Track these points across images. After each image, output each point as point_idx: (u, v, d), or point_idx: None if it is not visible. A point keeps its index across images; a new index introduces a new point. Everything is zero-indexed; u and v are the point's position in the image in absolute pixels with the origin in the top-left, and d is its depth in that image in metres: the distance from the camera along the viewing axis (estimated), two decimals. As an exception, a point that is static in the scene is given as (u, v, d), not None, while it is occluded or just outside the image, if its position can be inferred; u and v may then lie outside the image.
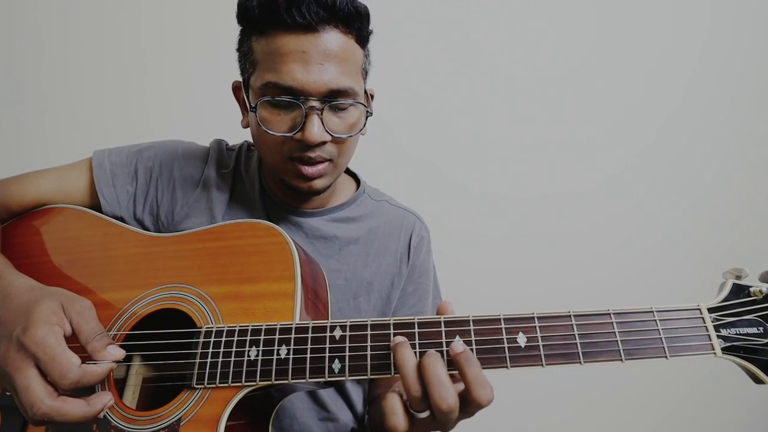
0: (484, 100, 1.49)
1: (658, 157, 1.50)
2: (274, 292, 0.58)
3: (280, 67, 0.62)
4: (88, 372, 0.48)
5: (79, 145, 0.81)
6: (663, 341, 0.47)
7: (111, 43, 1.44)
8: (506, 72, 1.49)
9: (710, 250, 1.48)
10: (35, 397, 0.46)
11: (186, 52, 1.45)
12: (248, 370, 0.53)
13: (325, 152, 0.66)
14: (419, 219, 0.85)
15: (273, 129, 0.64)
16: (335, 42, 0.63)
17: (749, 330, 0.48)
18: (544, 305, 0.52)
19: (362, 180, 0.86)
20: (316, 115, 0.62)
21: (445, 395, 0.45)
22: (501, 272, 1.45)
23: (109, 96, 1.44)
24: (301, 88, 0.61)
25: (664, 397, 1.44)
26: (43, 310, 0.50)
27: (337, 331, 0.53)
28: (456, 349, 0.47)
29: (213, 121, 1.25)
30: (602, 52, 1.50)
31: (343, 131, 0.66)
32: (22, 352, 0.48)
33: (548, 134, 1.49)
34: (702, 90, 1.50)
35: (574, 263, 1.47)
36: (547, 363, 0.48)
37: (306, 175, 0.67)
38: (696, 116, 1.51)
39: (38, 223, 0.72)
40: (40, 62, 1.44)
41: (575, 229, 1.48)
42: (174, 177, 0.76)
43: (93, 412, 0.49)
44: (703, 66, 1.50)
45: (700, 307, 0.49)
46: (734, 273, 0.52)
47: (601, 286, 1.45)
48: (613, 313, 0.49)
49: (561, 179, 1.49)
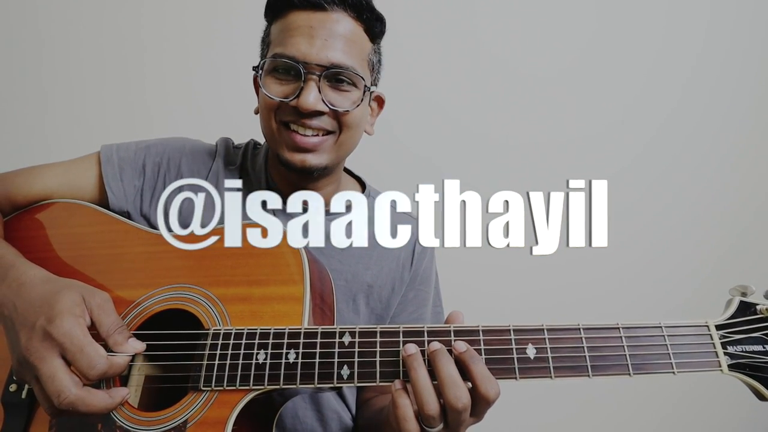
0: (484, 100, 1.48)
1: (658, 156, 1.51)
2: (283, 296, 0.58)
3: (287, 41, 0.66)
4: (114, 363, 0.50)
5: (80, 144, 0.80)
6: (671, 357, 0.48)
7: (111, 42, 1.43)
8: (506, 71, 1.48)
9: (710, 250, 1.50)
10: (62, 385, 0.47)
11: (186, 51, 1.44)
12: (256, 373, 0.53)
13: (323, 122, 0.68)
14: None
15: (273, 94, 0.67)
16: (343, 24, 0.67)
17: (755, 348, 0.49)
18: (544, 305, 0.52)
19: (367, 184, 0.86)
20: (314, 82, 0.65)
21: (460, 395, 0.46)
22: (501, 272, 1.46)
23: (109, 95, 1.43)
24: (303, 58, 0.65)
25: (663, 396, 1.46)
26: (66, 301, 0.51)
27: (346, 337, 0.53)
28: (460, 349, 0.49)
29: (213, 120, 1.25)
30: (602, 51, 1.50)
31: (341, 105, 0.68)
32: (48, 342, 0.48)
33: (549, 134, 1.49)
34: (701, 90, 1.51)
35: (576, 263, 1.47)
36: (556, 375, 0.48)
37: (298, 145, 0.67)
38: (695, 116, 1.51)
39: (42, 218, 0.71)
40: (40, 61, 1.42)
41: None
42: (182, 172, 0.76)
43: (114, 403, 0.50)
44: (702, 66, 1.51)
45: (708, 323, 0.49)
46: (740, 290, 0.53)
47: (600, 286, 1.46)
48: (622, 327, 0.50)
49: (561, 179, 1.49)
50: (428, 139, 1.48)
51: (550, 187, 1.60)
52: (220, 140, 0.83)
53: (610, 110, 1.50)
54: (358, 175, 0.87)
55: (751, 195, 1.52)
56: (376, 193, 0.86)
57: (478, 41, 1.48)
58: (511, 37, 1.49)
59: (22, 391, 0.58)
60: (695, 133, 1.52)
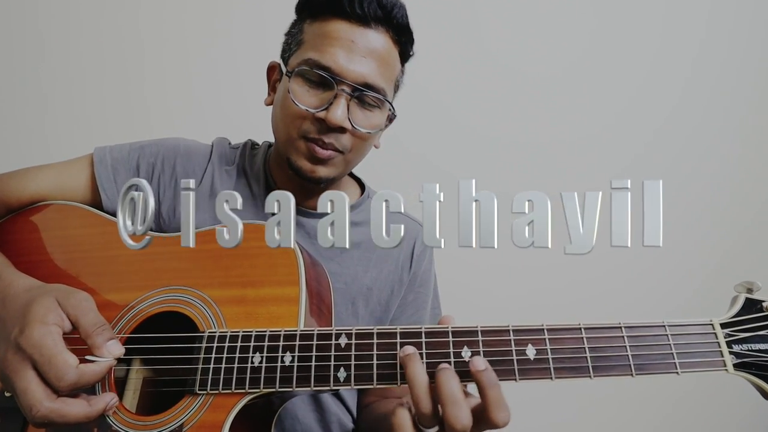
0: (484, 100, 1.47)
1: (658, 156, 1.49)
2: (279, 297, 0.57)
3: (325, 48, 0.64)
4: (86, 373, 0.47)
5: (80, 144, 0.80)
6: (674, 356, 0.47)
7: (111, 42, 1.42)
8: (506, 71, 1.47)
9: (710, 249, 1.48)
10: (34, 399, 0.46)
11: (186, 51, 1.43)
12: (252, 377, 0.52)
13: (339, 142, 0.67)
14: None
15: (300, 102, 0.65)
16: (382, 42, 0.66)
17: (761, 346, 0.47)
18: (544, 305, 0.51)
19: (367, 186, 0.85)
20: (345, 99, 0.64)
21: (460, 415, 0.43)
22: (501, 271, 1.45)
23: (109, 95, 1.42)
24: (339, 71, 0.64)
25: (663, 396, 1.45)
26: (38, 309, 0.49)
27: (342, 339, 0.52)
28: (478, 366, 0.45)
29: (213, 120, 1.24)
30: (602, 52, 1.48)
31: (365, 126, 0.67)
32: (19, 354, 0.47)
33: (548, 134, 1.48)
34: (701, 89, 1.49)
35: (575, 262, 1.46)
36: (557, 376, 0.47)
37: (315, 155, 0.67)
38: (696, 115, 1.49)
39: (36, 220, 0.70)
40: (40, 61, 1.42)
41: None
42: (176, 173, 0.75)
43: (94, 412, 0.48)
44: (702, 66, 1.49)
45: (713, 322, 0.48)
46: (746, 286, 0.52)
47: (600, 286, 1.44)
48: (624, 327, 0.48)
49: (560, 179, 1.48)
50: (428, 139, 1.46)
51: (558, 185, 1.58)
52: (217, 140, 0.82)
53: (610, 109, 1.48)
54: (358, 176, 0.86)
55: (754, 191, 1.50)
56: (375, 195, 0.85)
57: (479, 42, 1.46)
58: (511, 38, 1.47)
59: (18, 397, 0.58)
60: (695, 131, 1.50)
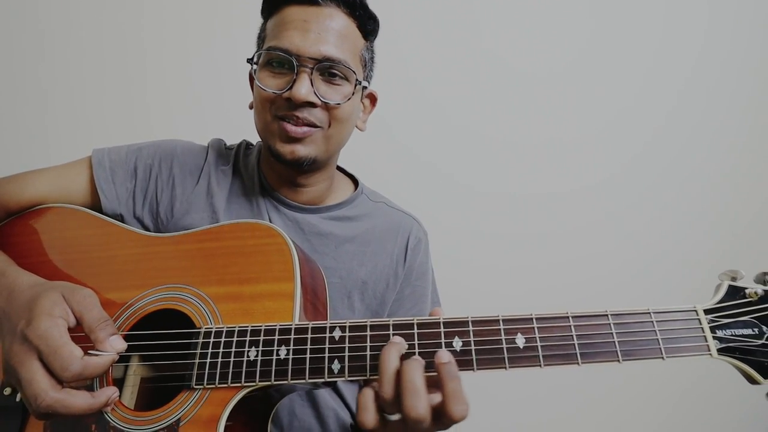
0: (483, 99, 1.49)
1: (657, 156, 1.51)
2: (274, 293, 0.58)
3: (282, 34, 0.68)
4: (90, 364, 0.49)
5: (80, 145, 0.81)
6: (660, 342, 0.48)
7: (112, 42, 1.44)
8: (506, 71, 1.49)
9: (707, 248, 1.49)
10: (39, 389, 0.47)
11: (186, 51, 1.45)
12: (248, 370, 0.53)
13: (312, 116, 0.68)
14: (417, 222, 0.85)
15: (267, 86, 0.68)
16: (336, 19, 0.69)
17: (744, 331, 0.48)
18: (541, 303, 0.52)
19: (360, 182, 0.86)
20: (306, 74, 0.67)
21: (416, 404, 0.45)
22: (499, 271, 1.46)
23: (109, 95, 1.44)
24: (296, 51, 0.66)
25: (663, 396, 1.45)
26: (45, 302, 0.50)
27: (336, 332, 0.53)
28: (441, 359, 0.47)
29: (213, 120, 1.25)
30: (601, 51, 1.50)
31: (332, 98, 0.69)
32: (25, 345, 0.48)
33: (547, 133, 1.49)
34: (701, 90, 1.51)
35: (572, 262, 1.47)
36: (546, 364, 0.48)
37: (289, 134, 0.68)
38: (695, 116, 1.51)
39: (35, 223, 0.71)
40: (40, 62, 1.43)
41: (573, 227, 1.48)
42: (173, 174, 0.76)
43: (98, 404, 0.49)
44: (701, 66, 1.51)
45: (697, 308, 0.49)
46: (730, 275, 0.53)
47: (599, 285, 1.46)
48: (610, 314, 0.49)
49: (559, 178, 1.49)
50: (427, 137, 1.48)
51: (549, 186, 1.60)
52: (212, 141, 0.83)
53: (610, 110, 1.50)
54: (351, 173, 0.88)
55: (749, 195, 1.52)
56: (369, 191, 0.86)
57: (479, 41, 1.48)
58: (511, 38, 1.49)
59: (17, 394, 0.58)
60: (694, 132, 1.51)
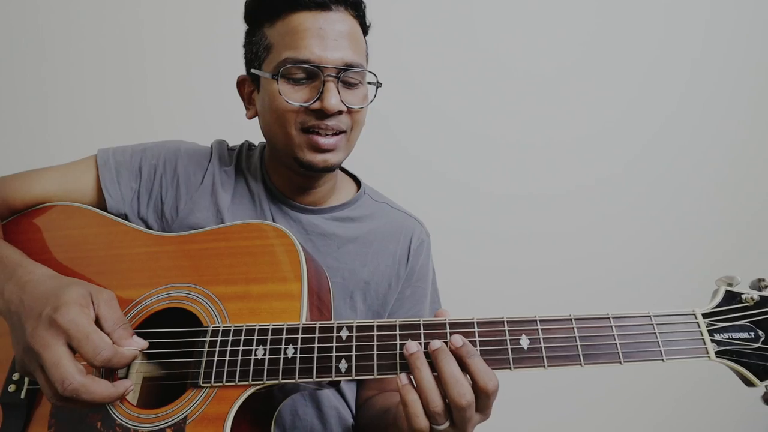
0: (485, 100, 1.50)
1: (658, 156, 1.53)
2: (281, 293, 0.59)
3: (298, 43, 0.66)
4: (118, 352, 0.51)
5: (81, 146, 0.81)
6: (660, 345, 0.49)
7: (112, 43, 1.44)
8: (506, 71, 1.50)
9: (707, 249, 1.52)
10: (67, 372, 0.48)
11: (187, 52, 1.45)
12: (255, 369, 0.53)
13: (341, 122, 0.69)
14: (420, 223, 0.86)
15: (292, 100, 0.67)
16: (346, 22, 0.69)
17: (741, 335, 0.50)
18: (541, 304, 0.53)
19: (363, 182, 0.87)
20: (333, 84, 0.66)
21: (463, 391, 0.47)
22: (499, 271, 1.47)
23: (110, 96, 1.44)
24: (318, 61, 0.65)
25: (663, 398, 1.47)
26: (73, 292, 0.52)
27: (343, 332, 0.54)
28: (456, 343, 0.49)
29: (215, 121, 1.25)
30: (601, 52, 1.52)
31: (357, 103, 0.70)
32: (53, 330, 0.49)
33: (549, 134, 1.51)
34: (701, 90, 1.53)
35: (572, 262, 1.48)
36: (549, 365, 0.49)
37: (321, 147, 0.69)
38: (694, 118, 1.53)
39: (40, 221, 0.71)
40: (41, 62, 1.43)
41: (574, 228, 1.50)
42: (178, 174, 0.77)
43: (116, 394, 0.51)
44: (701, 68, 1.53)
45: (695, 312, 0.51)
46: (726, 280, 0.55)
47: (599, 285, 1.47)
48: (612, 317, 0.51)
49: (560, 179, 1.51)
50: (427, 137, 1.49)
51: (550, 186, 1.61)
52: (215, 142, 0.84)
53: (610, 110, 1.52)
54: (353, 173, 0.89)
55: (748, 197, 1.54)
56: (371, 191, 0.87)
57: (479, 42, 1.50)
58: (511, 38, 1.51)
59: (21, 392, 0.58)
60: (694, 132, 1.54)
